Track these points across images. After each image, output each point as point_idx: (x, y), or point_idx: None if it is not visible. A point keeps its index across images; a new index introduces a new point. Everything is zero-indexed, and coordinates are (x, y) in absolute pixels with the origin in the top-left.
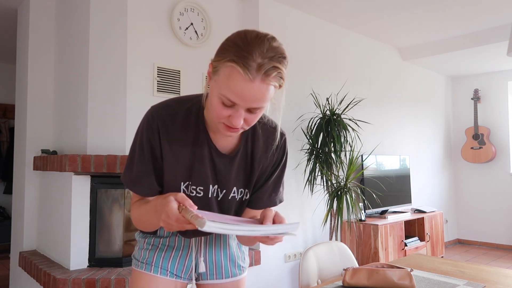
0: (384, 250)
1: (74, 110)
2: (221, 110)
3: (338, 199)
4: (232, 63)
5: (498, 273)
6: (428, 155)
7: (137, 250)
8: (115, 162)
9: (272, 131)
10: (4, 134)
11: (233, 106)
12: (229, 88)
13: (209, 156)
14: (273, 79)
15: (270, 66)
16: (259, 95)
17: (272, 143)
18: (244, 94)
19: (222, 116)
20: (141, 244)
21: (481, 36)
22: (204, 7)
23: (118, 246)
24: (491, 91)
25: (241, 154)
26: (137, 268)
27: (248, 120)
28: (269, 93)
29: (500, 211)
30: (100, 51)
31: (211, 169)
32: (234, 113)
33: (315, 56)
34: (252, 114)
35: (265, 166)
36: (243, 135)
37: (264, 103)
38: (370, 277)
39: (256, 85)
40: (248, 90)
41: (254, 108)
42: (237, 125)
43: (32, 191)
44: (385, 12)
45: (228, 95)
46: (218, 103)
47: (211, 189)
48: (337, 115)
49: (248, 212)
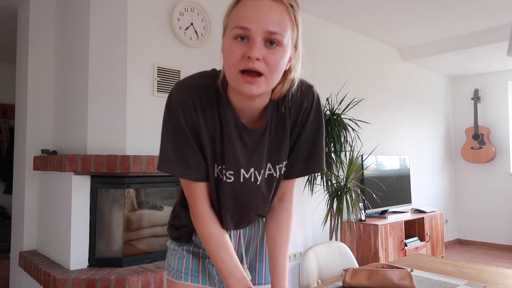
0: (384, 250)
1: (74, 110)
2: (235, 50)
3: (338, 199)
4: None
5: (498, 273)
6: (428, 155)
7: (174, 259)
8: (115, 162)
9: (302, 93)
10: (4, 134)
11: (248, 39)
12: (239, 15)
13: (238, 136)
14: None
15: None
16: (272, 13)
17: (302, 105)
18: (254, 13)
19: (237, 57)
20: (178, 253)
21: (481, 36)
22: (204, 7)
23: (118, 246)
24: (491, 91)
25: (270, 126)
26: (175, 279)
27: (268, 60)
28: (283, 17)
29: (500, 211)
30: (100, 51)
31: (242, 150)
32: (250, 44)
33: (315, 56)
34: (271, 49)
35: (296, 131)
36: (269, 106)
37: (280, 27)
38: (370, 277)
39: (265, 2)
40: (258, 7)
41: (271, 35)
42: (254, 55)
43: (32, 191)
44: (385, 12)
45: (239, 22)
46: (230, 42)
47: (242, 173)
48: (337, 115)
49: (281, 183)
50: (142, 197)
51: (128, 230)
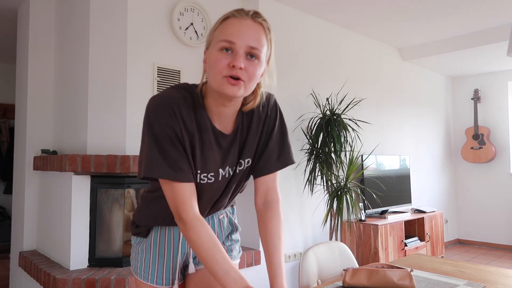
0: (384, 250)
1: (74, 110)
2: (221, 59)
3: (338, 199)
4: (225, 16)
5: (498, 273)
6: (428, 155)
7: (134, 257)
8: (115, 162)
9: (265, 101)
10: (4, 134)
11: (232, 51)
12: (225, 31)
13: (215, 140)
14: (262, 21)
15: (256, 11)
16: (253, 32)
17: (267, 111)
18: (239, 30)
19: (223, 66)
20: (136, 250)
21: (481, 36)
22: (204, 7)
23: (118, 246)
24: (491, 91)
25: (241, 130)
26: (137, 276)
27: (248, 69)
28: (261, 35)
29: (500, 211)
30: (100, 51)
31: (219, 153)
32: (234, 56)
33: (315, 56)
34: (250, 61)
35: (264, 131)
36: (239, 115)
37: (259, 44)
38: (370, 277)
39: (248, 22)
40: (242, 25)
41: (252, 49)
42: (238, 64)
43: (32, 191)
44: (385, 12)
45: (225, 37)
46: (217, 53)
47: (221, 173)
48: (337, 115)
49: (261, 181)
50: None
51: (128, 230)
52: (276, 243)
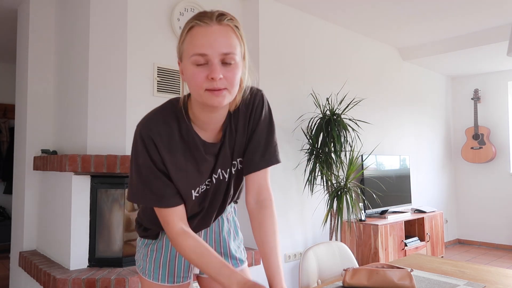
0: (384, 250)
1: (74, 110)
2: (197, 73)
3: (338, 199)
4: (190, 24)
5: (498, 273)
6: (428, 155)
7: (142, 259)
8: (115, 162)
9: (252, 97)
10: (4, 134)
11: (207, 63)
12: (195, 44)
13: (204, 152)
14: (228, 22)
15: (220, 12)
16: (222, 38)
17: (254, 107)
18: (208, 40)
19: (201, 80)
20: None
21: (481, 36)
22: (204, 7)
23: (118, 246)
24: (491, 91)
25: (229, 132)
26: (144, 277)
27: (227, 76)
28: (231, 38)
29: (500, 211)
30: (100, 51)
31: (211, 161)
32: (210, 67)
33: (315, 56)
34: (227, 67)
35: (250, 129)
36: (224, 123)
37: (232, 48)
38: (370, 277)
39: (214, 28)
40: (210, 33)
41: (226, 56)
42: (216, 76)
43: (32, 191)
44: (385, 12)
45: (197, 50)
46: (192, 68)
47: (215, 178)
48: (337, 115)
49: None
50: None
51: (128, 230)
52: (272, 243)
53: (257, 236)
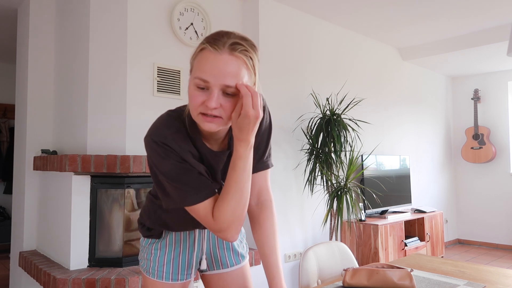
0: (384, 250)
1: (74, 110)
2: (196, 96)
3: (338, 199)
4: (202, 45)
5: (498, 273)
6: (428, 155)
7: (146, 258)
8: (115, 162)
9: None
10: (4, 134)
11: (207, 89)
12: (201, 68)
13: (215, 159)
14: (240, 53)
15: (235, 40)
16: (230, 69)
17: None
18: (213, 68)
19: (198, 103)
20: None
21: (481, 36)
22: (204, 7)
23: (118, 246)
24: (491, 91)
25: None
26: (148, 276)
27: (225, 106)
28: (239, 69)
29: (500, 211)
30: (100, 51)
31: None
32: (209, 94)
33: (315, 56)
34: (227, 98)
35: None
36: (229, 131)
37: (237, 79)
38: (370, 277)
39: (224, 57)
40: (217, 62)
41: (227, 87)
42: (211, 105)
43: (32, 191)
44: (385, 12)
45: (200, 74)
46: (193, 89)
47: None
48: (337, 115)
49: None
50: (142, 197)
51: (128, 230)
52: (272, 244)
53: (257, 236)
